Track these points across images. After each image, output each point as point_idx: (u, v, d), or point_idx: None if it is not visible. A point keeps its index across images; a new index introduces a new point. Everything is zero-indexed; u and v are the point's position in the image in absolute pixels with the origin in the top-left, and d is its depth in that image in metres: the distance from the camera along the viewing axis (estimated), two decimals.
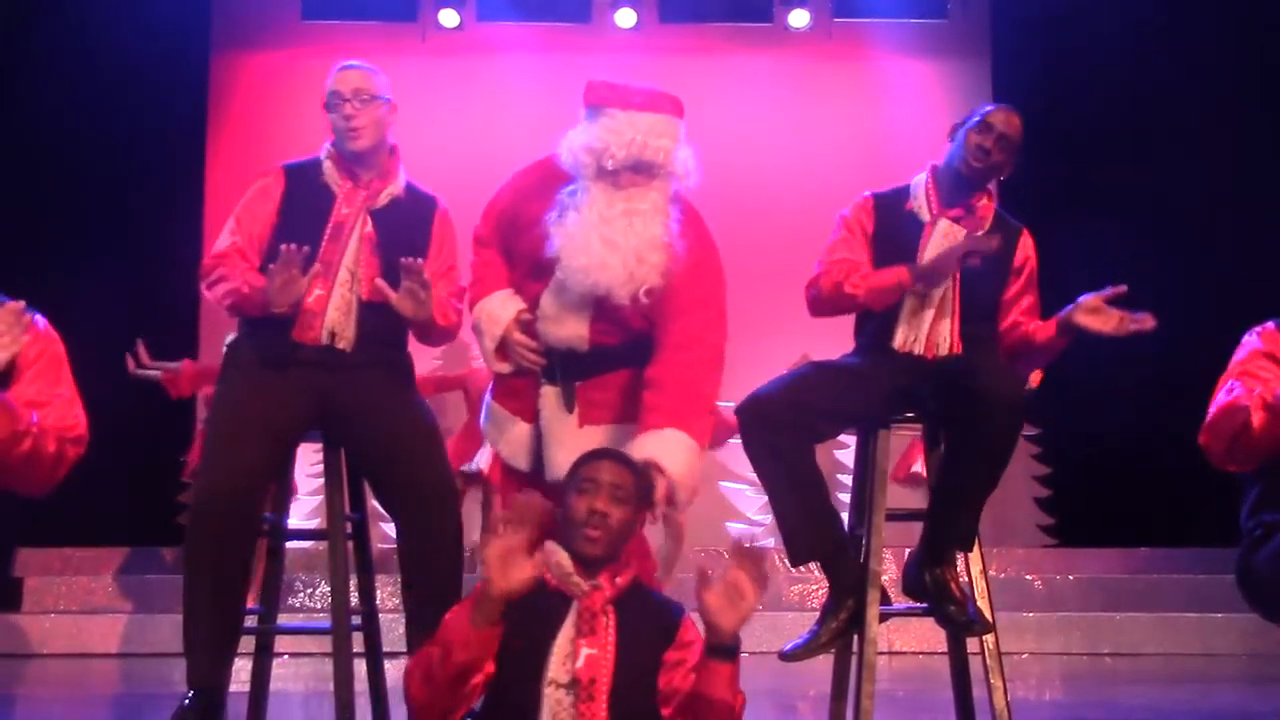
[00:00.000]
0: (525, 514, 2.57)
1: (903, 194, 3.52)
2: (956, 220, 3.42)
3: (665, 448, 3.04)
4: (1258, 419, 2.82)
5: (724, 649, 2.56)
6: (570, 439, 3.25)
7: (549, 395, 3.34)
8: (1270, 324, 2.97)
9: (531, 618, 2.63)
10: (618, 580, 2.69)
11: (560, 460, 3.17)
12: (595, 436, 3.23)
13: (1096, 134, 9.55)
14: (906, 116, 9.51)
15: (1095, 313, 3.33)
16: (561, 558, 2.68)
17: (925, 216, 3.44)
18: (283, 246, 3.17)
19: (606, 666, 2.59)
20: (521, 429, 3.37)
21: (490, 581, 2.52)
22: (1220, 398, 2.96)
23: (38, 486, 2.91)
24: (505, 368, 3.36)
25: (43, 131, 8.87)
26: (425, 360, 9.43)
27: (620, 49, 10.10)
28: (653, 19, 10.25)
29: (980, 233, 3.40)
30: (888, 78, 10.16)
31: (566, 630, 2.62)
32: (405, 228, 3.41)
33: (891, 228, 3.46)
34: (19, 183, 8.88)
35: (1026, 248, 3.52)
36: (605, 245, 3.15)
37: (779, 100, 10.10)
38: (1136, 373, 8.67)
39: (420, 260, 3.23)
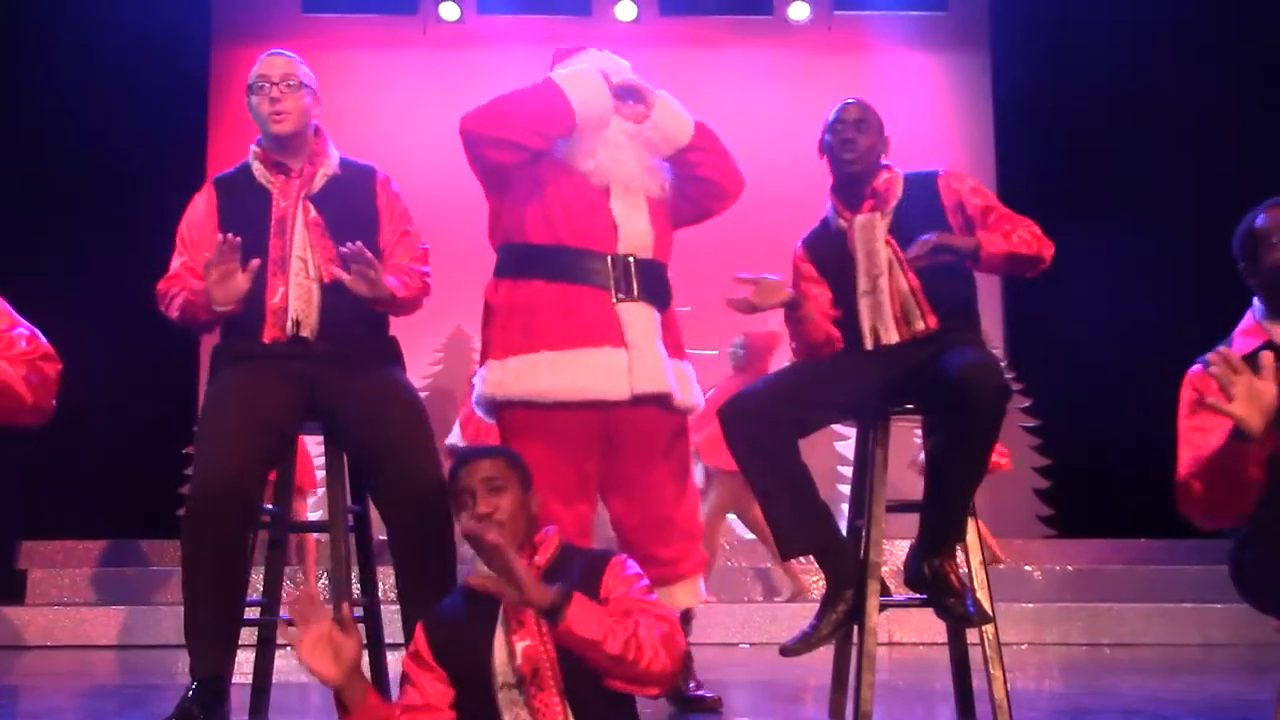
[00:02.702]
0: (304, 606, 2.48)
1: (825, 223, 3.62)
2: (870, 210, 3.47)
3: None
4: (1196, 488, 2.78)
5: (549, 613, 2.43)
6: (657, 359, 3.46)
7: (630, 310, 3.47)
8: (1196, 367, 2.93)
9: (468, 631, 2.60)
10: (536, 560, 2.63)
11: (652, 374, 3.44)
12: (674, 367, 3.52)
13: (1096, 127, 9.57)
14: (906, 109, 9.50)
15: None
16: (480, 564, 2.61)
17: (843, 224, 3.53)
18: (218, 237, 3.19)
19: (547, 652, 2.53)
20: (616, 355, 3.44)
21: (321, 677, 2.47)
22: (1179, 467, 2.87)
23: (28, 412, 2.95)
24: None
25: (43, 127, 8.88)
26: (427, 355, 9.47)
27: (620, 41, 10.09)
28: (653, 12, 10.26)
29: (892, 203, 3.46)
30: (887, 70, 10.18)
31: (498, 632, 2.57)
32: (349, 204, 3.41)
33: (826, 254, 3.56)
34: (18, 178, 8.89)
35: (949, 185, 3.52)
36: (612, 151, 3.52)
37: (779, 93, 10.10)
38: (1135, 365, 8.69)
39: (358, 243, 3.24)
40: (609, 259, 3.46)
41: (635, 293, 3.46)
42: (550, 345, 3.42)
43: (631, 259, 3.48)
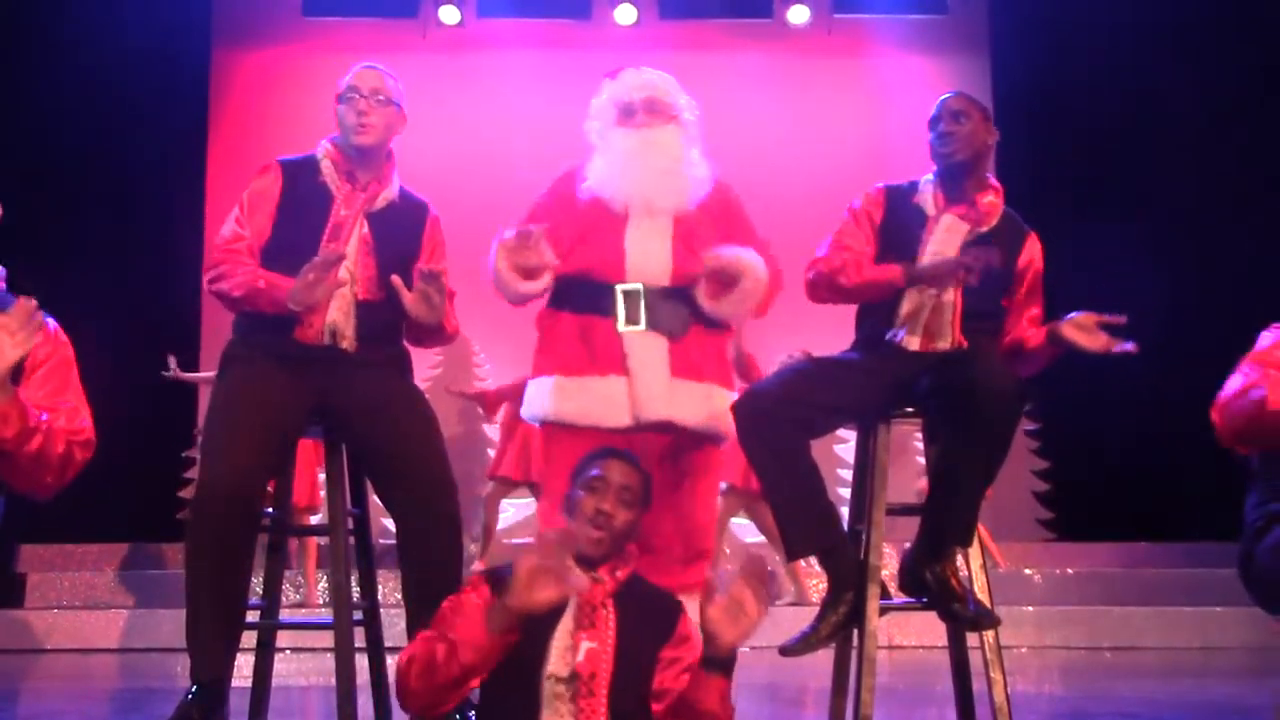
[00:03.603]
0: (555, 548, 2.50)
1: (913, 188, 3.56)
2: (961, 217, 3.44)
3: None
4: (1275, 398, 2.83)
5: (720, 662, 2.55)
6: (661, 387, 3.40)
7: (634, 339, 3.43)
8: None
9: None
10: (618, 574, 2.69)
11: (653, 401, 3.38)
12: (685, 390, 3.43)
13: (1095, 129, 9.57)
14: (906, 112, 9.47)
15: (1085, 330, 3.32)
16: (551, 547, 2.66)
17: (930, 211, 3.47)
18: (328, 245, 3.23)
19: (607, 661, 2.58)
20: (617, 384, 3.42)
21: (514, 594, 2.47)
22: (1235, 380, 2.96)
23: (44, 488, 2.87)
24: (529, 285, 3.44)
25: (43, 127, 8.89)
26: (427, 359, 9.47)
27: (620, 45, 10.11)
28: (652, 15, 10.27)
29: (984, 228, 3.43)
30: (887, 74, 10.19)
31: (566, 623, 2.60)
32: (399, 232, 3.44)
33: (898, 219, 3.49)
34: (18, 178, 8.89)
35: (1031, 251, 3.51)
36: (627, 169, 3.48)
37: (778, 96, 10.11)
38: (1135, 369, 8.68)
39: (442, 266, 3.29)
40: (616, 289, 3.46)
41: (641, 322, 3.45)
42: (562, 370, 3.49)
43: (640, 288, 3.46)
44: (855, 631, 3.39)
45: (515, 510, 9.10)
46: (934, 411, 3.41)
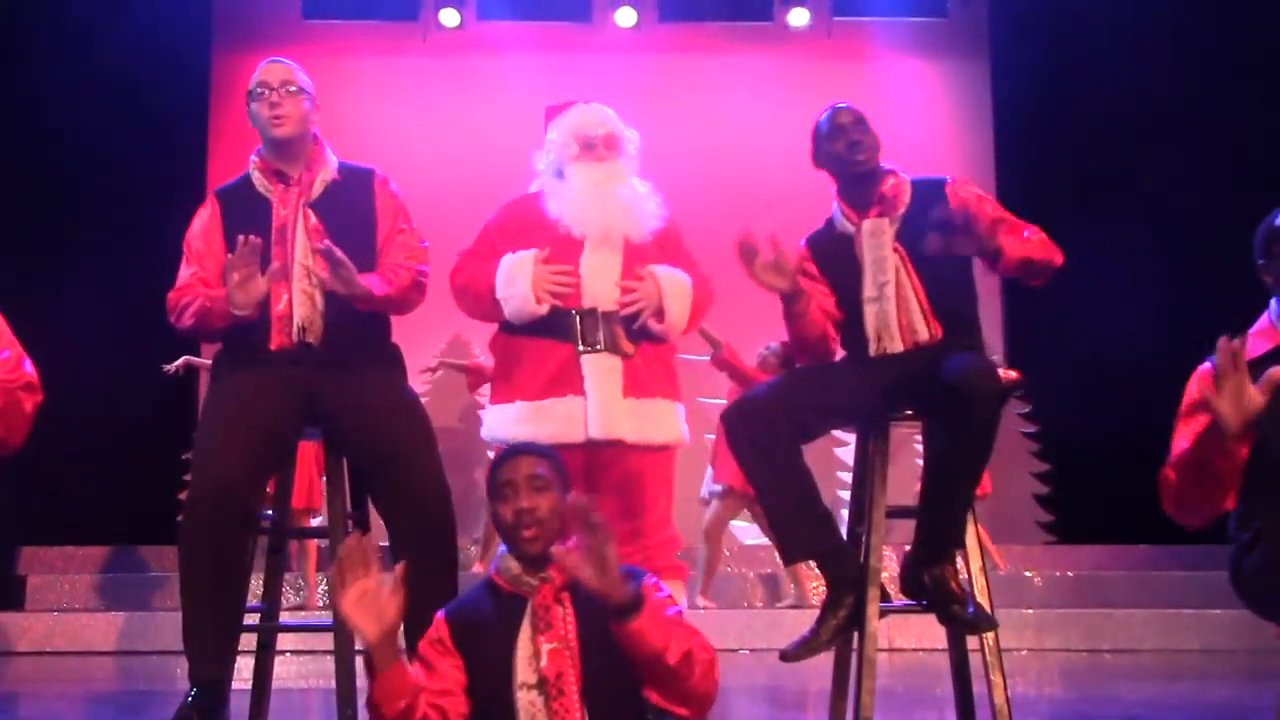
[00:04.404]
0: (358, 558, 2.47)
1: (829, 223, 3.62)
2: (878, 216, 3.47)
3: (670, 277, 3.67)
4: (1170, 477, 2.84)
5: (622, 610, 2.46)
6: (613, 406, 3.57)
7: (591, 361, 3.59)
8: (1205, 365, 2.95)
9: (492, 626, 2.62)
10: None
11: (606, 421, 3.55)
12: (636, 409, 3.59)
13: (1095, 132, 9.58)
14: (906, 115, 9.52)
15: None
16: (509, 561, 2.66)
17: (850, 229, 3.52)
18: (239, 239, 3.22)
19: (571, 658, 2.56)
20: (575, 404, 3.58)
21: (360, 632, 2.46)
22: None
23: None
24: (543, 308, 3.58)
25: (44, 131, 8.89)
26: (427, 361, 9.47)
27: (620, 48, 10.13)
28: (652, 18, 10.27)
29: (900, 210, 3.47)
30: (887, 76, 10.19)
31: (525, 630, 2.59)
32: (347, 208, 3.45)
33: (829, 256, 3.55)
34: (20, 184, 8.90)
35: (957, 192, 3.50)
36: (597, 203, 3.66)
37: (778, 99, 10.11)
38: (1136, 369, 8.70)
39: (326, 242, 3.28)
40: (574, 314, 3.60)
41: (597, 344, 3.59)
42: (524, 395, 3.63)
43: (596, 312, 3.60)
44: (855, 634, 3.40)
45: None
46: (924, 414, 3.42)
